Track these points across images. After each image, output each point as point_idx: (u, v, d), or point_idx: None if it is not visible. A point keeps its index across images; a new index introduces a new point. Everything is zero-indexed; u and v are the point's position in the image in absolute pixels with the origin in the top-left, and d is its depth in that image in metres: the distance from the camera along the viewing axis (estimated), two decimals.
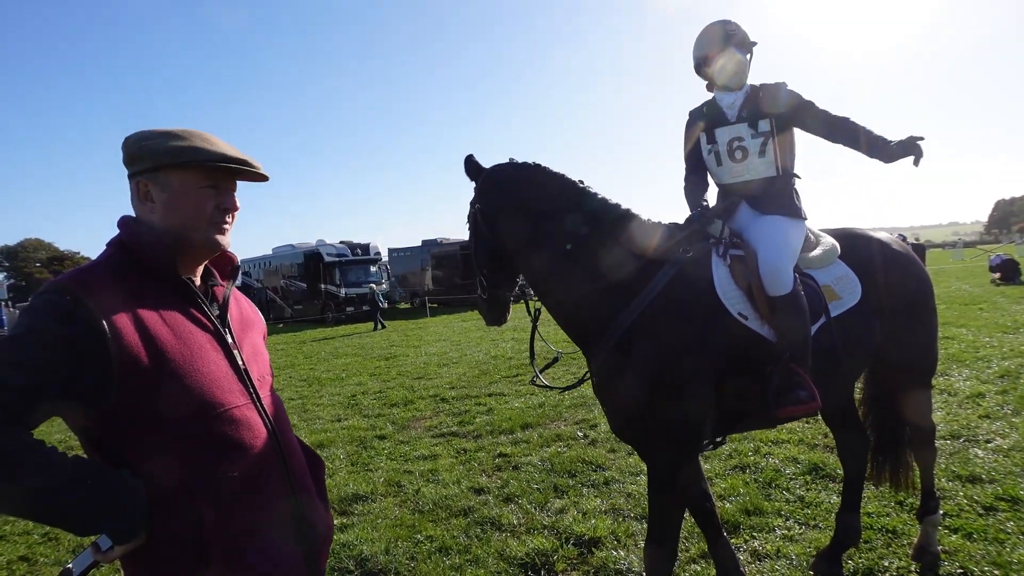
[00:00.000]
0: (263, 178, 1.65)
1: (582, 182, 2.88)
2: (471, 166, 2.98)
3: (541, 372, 3.18)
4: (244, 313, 1.74)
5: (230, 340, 1.57)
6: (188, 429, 1.41)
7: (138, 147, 1.51)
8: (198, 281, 1.61)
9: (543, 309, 3.00)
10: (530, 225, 2.80)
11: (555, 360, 3.29)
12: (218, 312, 1.60)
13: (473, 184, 2.98)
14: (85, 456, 1.40)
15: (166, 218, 1.51)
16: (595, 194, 2.86)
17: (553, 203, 2.81)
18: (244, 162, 1.56)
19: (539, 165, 2.90)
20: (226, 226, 1.58)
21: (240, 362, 1.56)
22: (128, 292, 1.42)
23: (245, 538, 1.46)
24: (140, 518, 1.34)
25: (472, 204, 2.95)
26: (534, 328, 3.08)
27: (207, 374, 1.46)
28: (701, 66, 3.05)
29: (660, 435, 2.71)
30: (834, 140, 2.96)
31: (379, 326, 22.14)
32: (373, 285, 24.75)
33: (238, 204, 1.61)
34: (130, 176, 1.54)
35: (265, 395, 1.61)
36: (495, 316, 3.00)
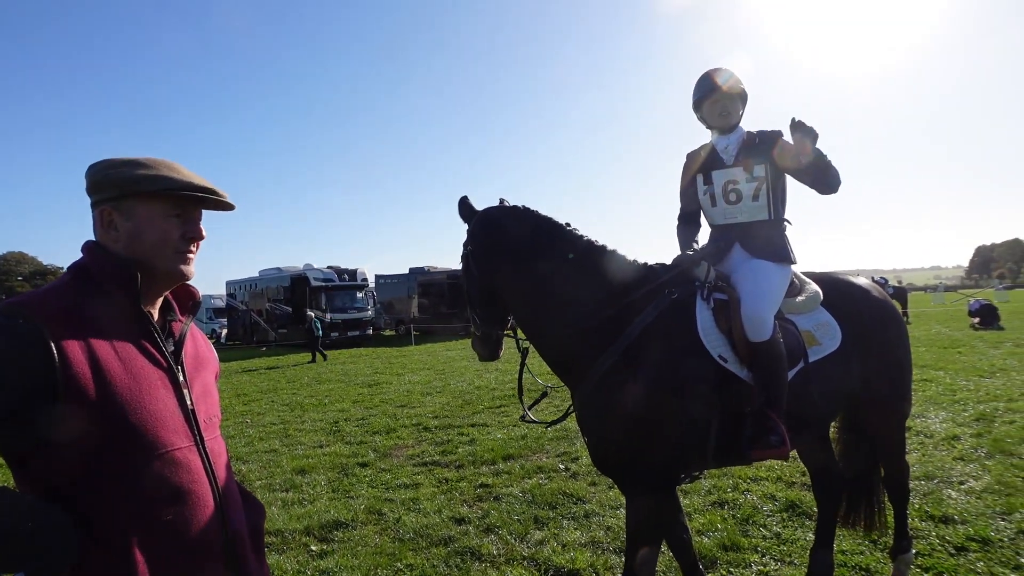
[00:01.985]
0: (229, 207, 1.64)
1: (568, 224, 2.98)
2: (464, 208, 3.08)
3: (530, 408, 3.24)
4: (199, 350, 1.69)
5: (181, 378, 1.53)
6: (127, 467, 1.36)
7: (103, 175, 1.49)
8: (156, 314, 1.57)
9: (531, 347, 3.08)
10: (517, 266, 2.89)
11: (543, 395, 3.34)
12: (173, 348, 1.56)
13: (466, 226, 3.07)
14: (11, 487, 1.35)
15: (130, 247, 1.48)
16: (581, 236, 2.96)
17: (539, 245, 2.90)
18: (210, 191, 1.54)
19: (527, 208, 3.00)
20: (190, 255, 1.56)
21: (189, 402, 1.52)
22: (83, 320, 1.38)
23: None
24: (63, 557, 1.27)
25: (465, 246, 3.04)
26: (522, 366, 3.15)
27: (153, 412, 1.41)
28: (697, 107, 3.17)
29: (638, 468, 2.78)
30: (800, 179, 3.03)
31: (315, 357, 20.91)
32: (311, 313, 23.52)
33: (204, 233, 1.58)
34: (93, 204, 1.51)
35: (210, 437, 1.56)
36: (488, 352, 3.08)
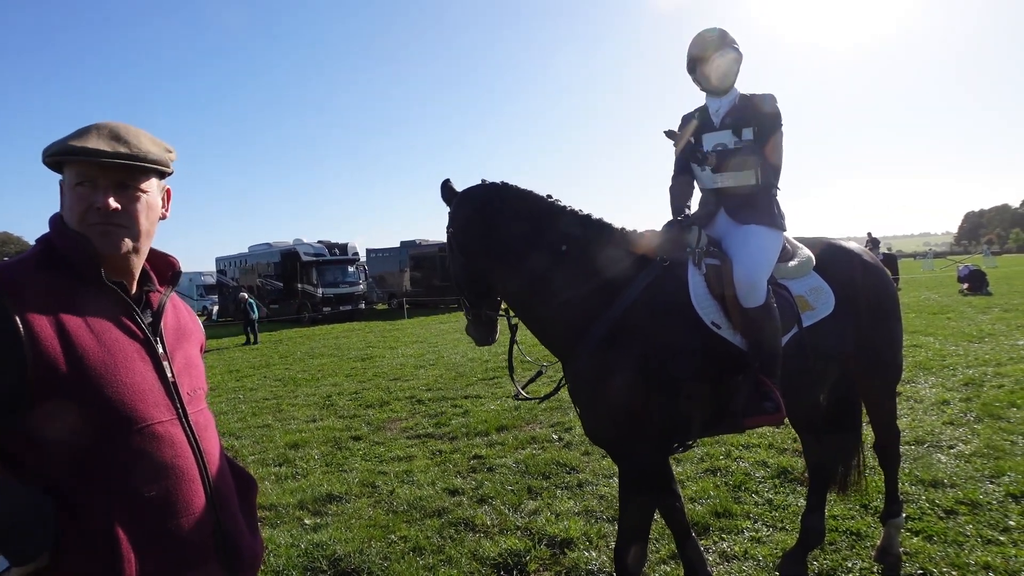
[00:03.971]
0: (156, 170, 1.48)
1: (550, 196, 2.92)
2: (446, 191, 3.02)
3: (524, 387, 3.23)
4: (181, 322, 1.63)
5: (160, 351, 1.48)
6: (106, 443, 1.32)
7: None
8: (134, 286, 1.50)
9: (520, 324, 3.04)
10: (500, 244, 2.84)
11: (538, 374, 3.33)
12: (151, 320, 1.50)
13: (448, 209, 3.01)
14: None
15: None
16: (564, 207, 2.91)
17: (522, 220, 2.85)
18: (100, 153, 1.36)
19: (507, 184, 2.94)
20: (100, 227, 1.40)
21: (169, 374, 1.47)
22: (51, 292, 1.33)
23: (161, 563, 1.36)
24: (42, 538, 1.23)
25: (447, 228, 2.99)
26: (512, 343, 3.11)
27: (131, 386, 1.37)
28: (693, 67, 3.10)
29: (631, 437, 2.76)
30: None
31: (250, 340, 19.86)
32: (244, 294, 22.86)
33: (113, 204, 1.40)
34: None
35: (194, 411, 1.51)
36: (483, 335, 3.05)
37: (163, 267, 1.61)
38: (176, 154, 1.56)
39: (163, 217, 1.56)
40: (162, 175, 1.54)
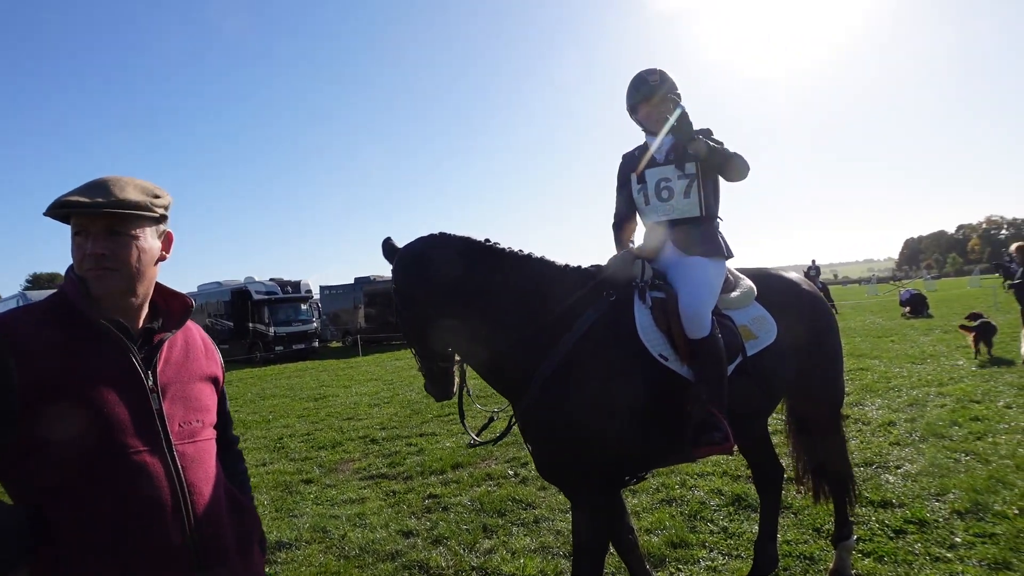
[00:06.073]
0: (146, 217, 1.57)
1: (488, 240, 2.90)
2: (386, 249, 2.96)
3: (478, 433, 3.19)
4: (190, 356, 1.71)
5: (150, 384, 1.55)
6: (80, 470, 1.41)
7: None
8: (140, 322, 1.61)
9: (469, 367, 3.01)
10: (441, 295, 2.79)
11: (491, 420, 3.28)
12: (146, 355, 1.58)
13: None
14: None
15: None
16: (502, 250, 2.88)
17: (460, 267, 2.80)
18: (78, 204, 1.47)
19: (444, 234, 2.90)
20: (95, 271, 1.52)
21: (156, 407, 1.54)
22: (50, 333, 1.46)
23: None
24: (13, 555, 1.33)
25: (391, 286, 2.95)
26: (461, 388, 3.06)
27: (108, 416, 1.44)
28: (633, 111, 3.17)
29: (584, 472, 2.74)
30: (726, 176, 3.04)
31: None
32: None
33: (97, 248, 1.51)
34: None
35: (182, 443, 1.56)
36: (439, 390, 2.98)
37: (177, 306, 1.73)
38: (167, 198, 1.66)
39: (162, 259, 1.66)
40: (156, 220, 1.63)
